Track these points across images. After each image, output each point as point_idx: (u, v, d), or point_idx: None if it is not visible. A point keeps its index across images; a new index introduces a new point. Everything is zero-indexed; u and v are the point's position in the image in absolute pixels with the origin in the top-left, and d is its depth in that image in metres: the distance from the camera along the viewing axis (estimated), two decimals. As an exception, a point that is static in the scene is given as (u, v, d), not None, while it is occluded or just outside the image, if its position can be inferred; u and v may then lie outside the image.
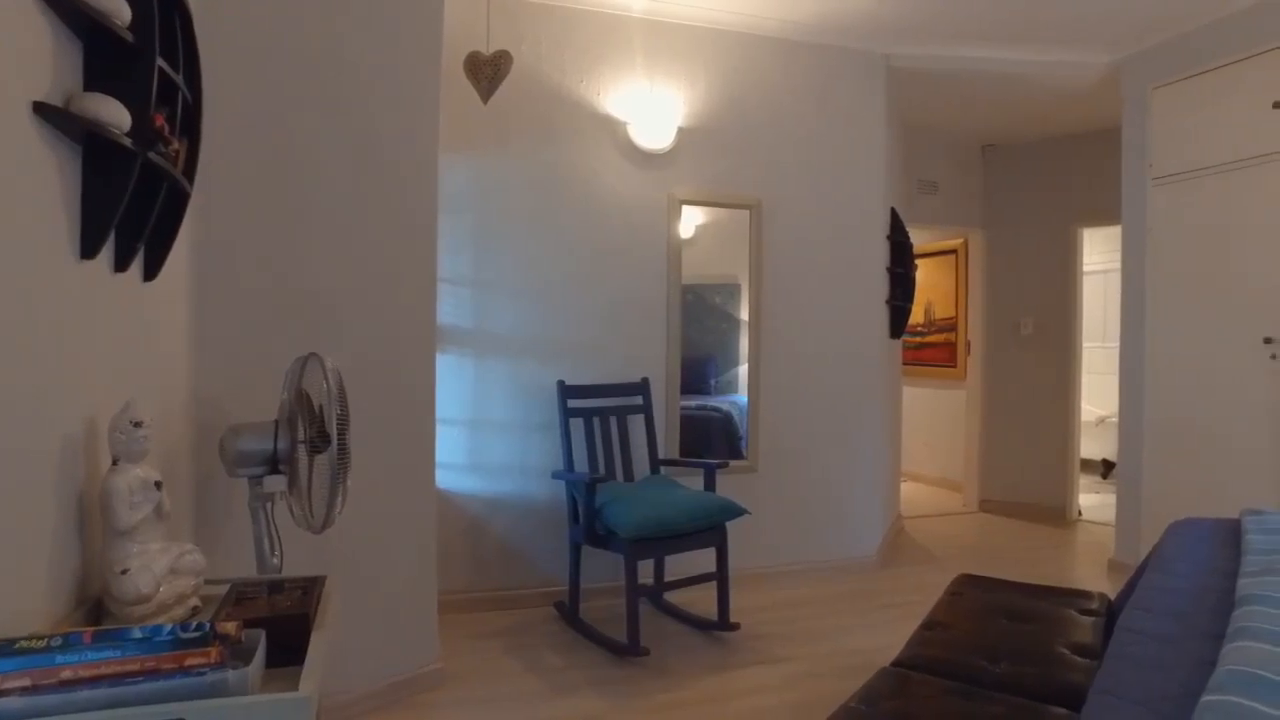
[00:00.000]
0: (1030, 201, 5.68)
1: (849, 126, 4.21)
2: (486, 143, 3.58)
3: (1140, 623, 1.57)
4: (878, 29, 3.98)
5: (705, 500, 3.22)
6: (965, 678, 1.92)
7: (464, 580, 3.56)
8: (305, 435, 1.87)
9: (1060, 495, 5.57)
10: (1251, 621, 1.35)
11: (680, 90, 3.85)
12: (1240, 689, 1.09)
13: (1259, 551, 1.85)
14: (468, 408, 3.57)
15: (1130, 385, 4.20)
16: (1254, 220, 3.59)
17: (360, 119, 2.56)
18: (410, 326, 2.73)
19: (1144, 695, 1.21)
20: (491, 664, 3.02)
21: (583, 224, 3.72)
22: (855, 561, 4.21)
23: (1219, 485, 3.67)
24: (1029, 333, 5.69)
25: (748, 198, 3.98)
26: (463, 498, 3.58)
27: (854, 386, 4.25)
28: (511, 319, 3.63)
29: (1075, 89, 4.59)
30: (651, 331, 3.84)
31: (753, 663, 3.05)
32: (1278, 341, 3.48)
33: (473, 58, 3.27)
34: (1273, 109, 3.49)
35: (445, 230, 3.29)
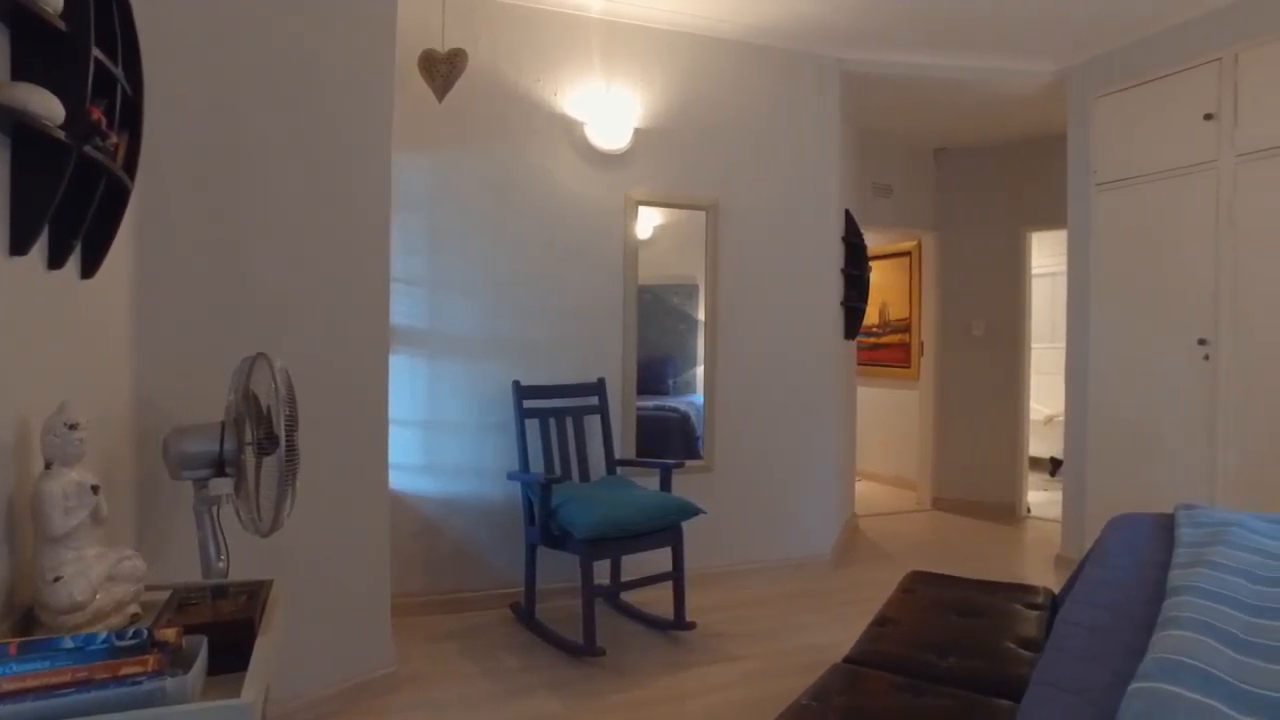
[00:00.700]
0: (981, 205, 5.81)
1: (804, 129, 4.26)
2: (441, 142, 3.55)
3: (1078, 615, 1.61)
4: (831, 34, 4.03)
5: (661, 500, 3.23)
6: (914, 672, 1.96)
7: (419, 582, 3.52)
8: (253, 437, 1.83)
9: (1010, 493, 5.70)
10: (1179, 611, 1.40)
11: (637, 91, 3.86)
12: (1166, 676, 1.13)
13: (1189, 544, 1.92)
14: (422, 408, 3.54)
15: (1075, 385, 4.32)
16: (1187, 226, 3.71)
17: (312, 115, 2.52)
18: (363, 326, 2.70)
19: (1079, 685, 1.24)
20: (447, 667, 2.99)
21: (539, 224, 3.71)
22: (810, 560, 4.26)
23: (1158, 481, 3.79)
24: (980, 334, 5.82)
25: (704, 199, 4.00)
26: (417, 499, 3.54)
27: (809, 387, 4.30)
28: (467, 319, 3.60)
29: (1023, 96, 4.70)
30: (608, 332, 3.84)
31: (709, 661, 3.06)
32: (1210, 343, 3.61)
33: (428, 56, 3.25)
34: (1204, 120, 3.62)
35: (399, 229, 3.26)
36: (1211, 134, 3.60)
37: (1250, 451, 3.48)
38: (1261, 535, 2.01)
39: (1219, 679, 1.14)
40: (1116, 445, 4.07)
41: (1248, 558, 1.79)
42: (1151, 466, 3.87)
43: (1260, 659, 1.24)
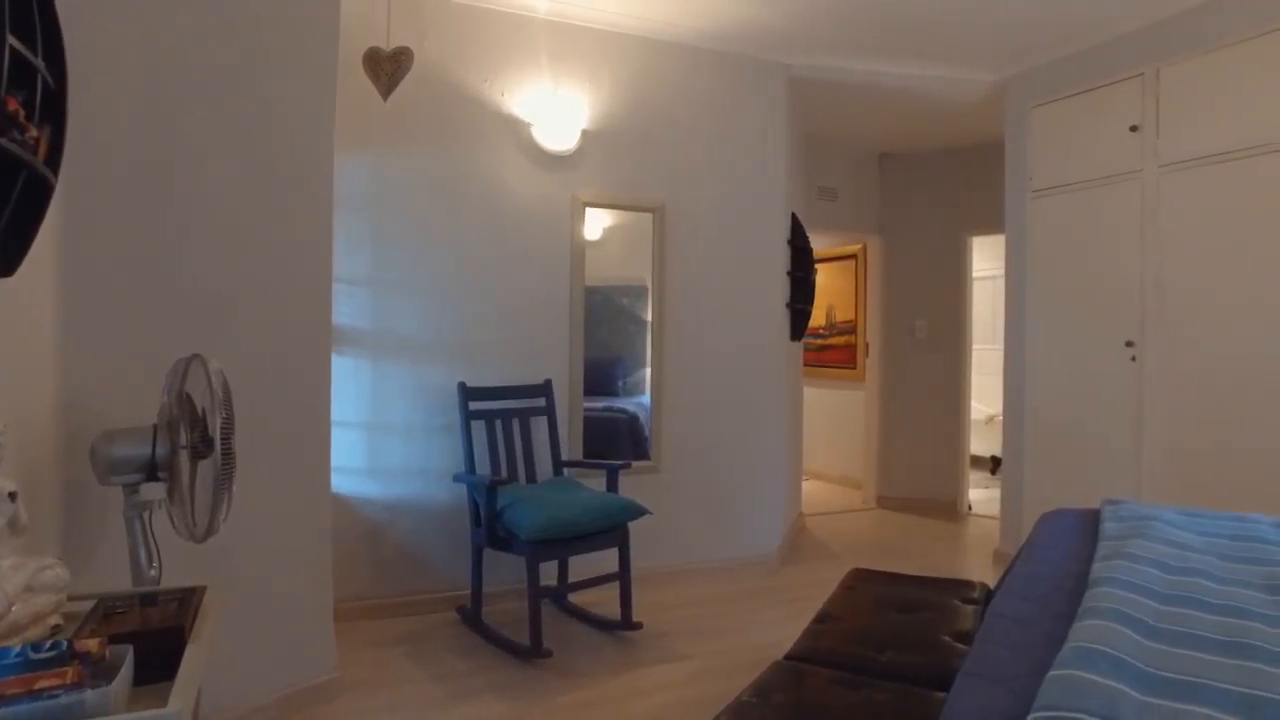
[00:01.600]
0: (924, 209, 5.94)
1: (751, 133, 4.31)
2: (387, 141, 3.51)
3: (1005, 608, 1.67)
4: (778, 39, 4.09)
5: (607, 501, 3.24)
6: (854, 667, 2.00)
7: (363, 586, 3.47)
8: (187, 440, 1.79)
9: (952, 491, 5.84)
10: (1097, 602, 1.46)
11: (585, 93, 3.87)
12: (1080, 663, 1.18)
13: (1111, 538, 2.00)
14: (366, 410, 3.49)
15: (1013, 385, 4.45)
16: (1116, 233, 3.86)
17: (251, 111, 2.47)
18: (304, 327, 2.65)
19: (1003, 674, 1.29)
20: (391, 671, 2.96)
21: (486, 224, 3.69)
22: (757, 559, 4.31)
23: (1090, 478, 3.93)
24: (923, 335, 5.95)
25: (651, 201, 4.03)
26: (361, 502, 3.49)
27: (756, 387, 4.35)
28: (412, 320, 3.56)
29: (964, 104, 4.83)
30: (555, 333, 3.84)
31: (655, 661, 3.08)
32: (1137, 345, 3.76)
33: (372, 54, 3.21)
34: (1130, 132, 3.76)
35: (343, 229, 3.22)
36: (1136, 145, 3.75)
37: (1173, 448, 3.63)
38: (1177, 528, 2.11)
39: (1128, 664, 1.19)
40: (1051, 444, 4.21)
41: (1163, 549, 1.87)
42: (1084, 463, 4.01)
43: (1166, 644, 1.30)
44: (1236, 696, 1.10)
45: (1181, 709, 1.07)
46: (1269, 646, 1.29)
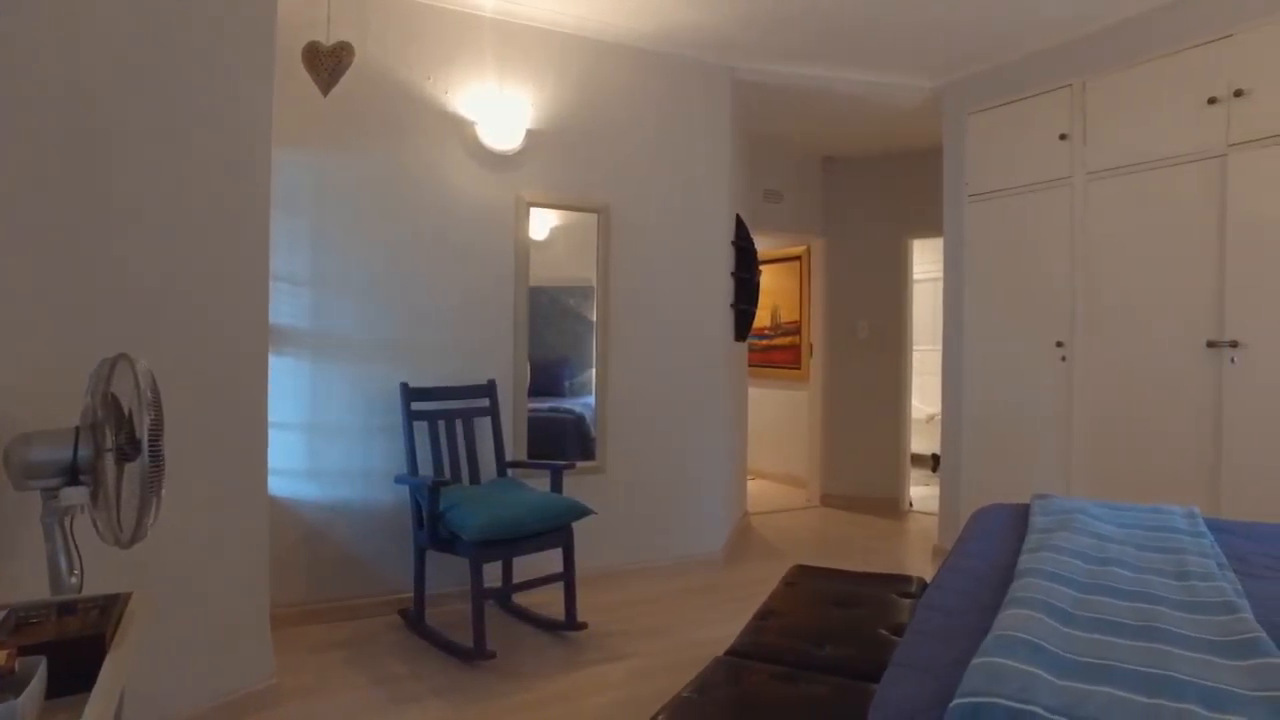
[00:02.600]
0: (867, 212, 6.06)
1: (695, 135, 4.35)
2: (328, 137, 3.45)
3: (936, 600, 1.72)
4: (722, 43, 4.13)
5: (551, 501, 3.24)
6: (793, 662, 2.03)
7: (302, 591, 3.40)
8: (113, 443, 1.73)
9: (894, 488, 5.97)
10: (1021, 592, 1.51)
11: (530, 92, 3.85)
12: (1001, 650, 1.22)
13: (1038, 530, 2.07)
14: (306, 411, 3.42)
15: (951, 385, 4.57)
16: (1047, 237, 3.99)
17: (182, 104, 2.40)
18: (239, 326, 2.59)
19: (930, 664, 1.33)
20: (330, 677, 2.91)
21: (428, 223, 3.65)
22: (702, 558, 4.35)
23: (1024, 474, 4.06)
24: (865, 336, 6.07)
25: (596, 201, 4.03)
26: (301, 505, 3.42)
27: (700, 387, 4.39)
28: (353, 320, 3.51)
29: (905, 110, 4.94)
30: (499, 333, 3.81)
31: (600, 660, 3.09)
32: (1066, 345, 3.90)
33: (311, 48, 3.14)
34: (1059, 140, 3.90)
35: (281, 227, 3.16)
36: (1066, 153, 3.89)
37: (1099, 444, 3.77)
38: (1099, 520, 2.19)
39: (1046, 650, 1.24)
40: (988, 441, 4.33)
41: (1085, 541, 1.95)
42: (1018, 460, 4.14)
43: (1082, 630, 1.36)
44: (1141, 676, 1.16)
45: (1091, 690, 1.12)
46: (1173, 629, 1.36)
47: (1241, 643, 1.28)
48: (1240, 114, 3.24)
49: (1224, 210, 3.30)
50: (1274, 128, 3.14)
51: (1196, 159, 3.39)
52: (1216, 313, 3.33)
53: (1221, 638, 1.32)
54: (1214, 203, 3.33)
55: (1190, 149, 3.40)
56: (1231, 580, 1.70)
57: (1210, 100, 3.32)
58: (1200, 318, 3.38)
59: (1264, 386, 3.18)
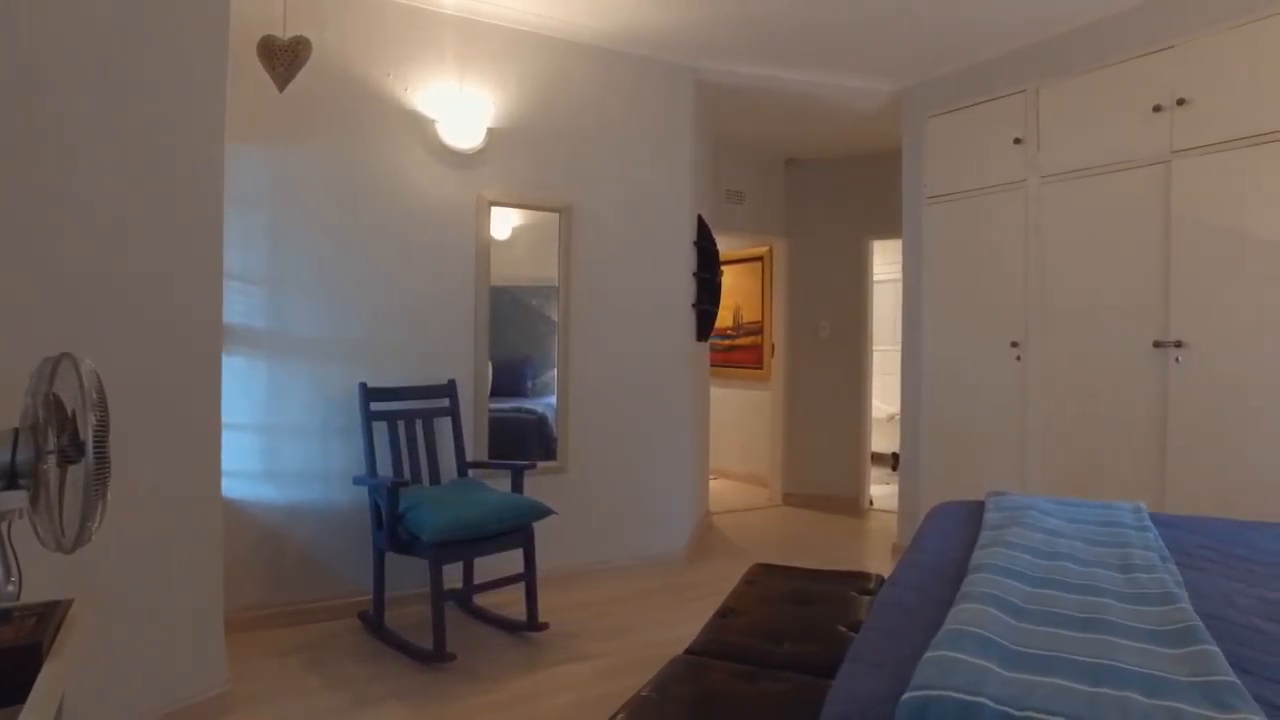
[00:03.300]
0: (828, 214, 6.13)
1: (657, 135, 4.36)
2: (284, 134, 3.39)
3: (891, 596, 1.74)
4: (686, 43, 4.15)
5: (511, 502, 3.22)
6: (752, 660, 2.04)
7: (259, 595, 3.34)
8: (55, 445, 1.68)
9: (855, 487, 6.04)
10: (973, 587, 1.54)
11: (491, 91, 3.83)
12: (952, 644, 1.24)
13: (992, 527, 2.11)
14: (262, 412, 3.36)
15: (909, 384, 4.64)
16: (1002, 239, 4.07)
17: (133, 97, 2.34)
18: (191, 325, 2.53)
19: (883, 659, 1.35)
20: (287, 682, 2.86)
21: (388, 222, 3.61)
22: (664, 557, 4.36)
23: (980, 471, 4.13)
24: (827, 336, 6.14)
25: (558, 201, 4.02)
26: (257, 507, 3.36)
27: (661, 387, 4.40)
28: (311, 319, 3.45)
29: (866, 113, 5.00)
30: (460, 333, 3.78)
31: (561, 661, 3.08)
32: (1021, 345, 3.98)
33: (267, 42, 3.09)
34: (1014, 144, 3.99)
35: (237, 224, 3.10)
36: (1020, 157, 3.97)
37: (1052, 442, 3.86)
38: (1050, 516, 2.25)
39: (996, 643, 1.27)
40: (946, 440, 4.41)
41: (1036, 536, 1.99)
42: (975, 458, 4.22)
43: (1031, 623, 1.39)
44: (1086, 666, 1.19)
45: (1038, 680, 1.15)
46: (1117, 620, 1.40)
47: (1179, 631, 1.32)
48: (1183, 122, 3.34)
49: (1168, 215, 3.39)
50: (1214, 136, 3.24)
51: (1143, 165, 3.48)
52: (1162, 314, 3.42)
53: (1161, 627, 1.36)
54: (1159, 207, 3.43)
55: (1137, 155, 3.50)
56: (1173, 572, 1.75)
57: (1155, 108, 3.41)
58: (1147, 318, 3.48)
59: (1206, 385, 3.28)
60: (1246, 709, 1.05)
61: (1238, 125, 3.18)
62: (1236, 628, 1.47)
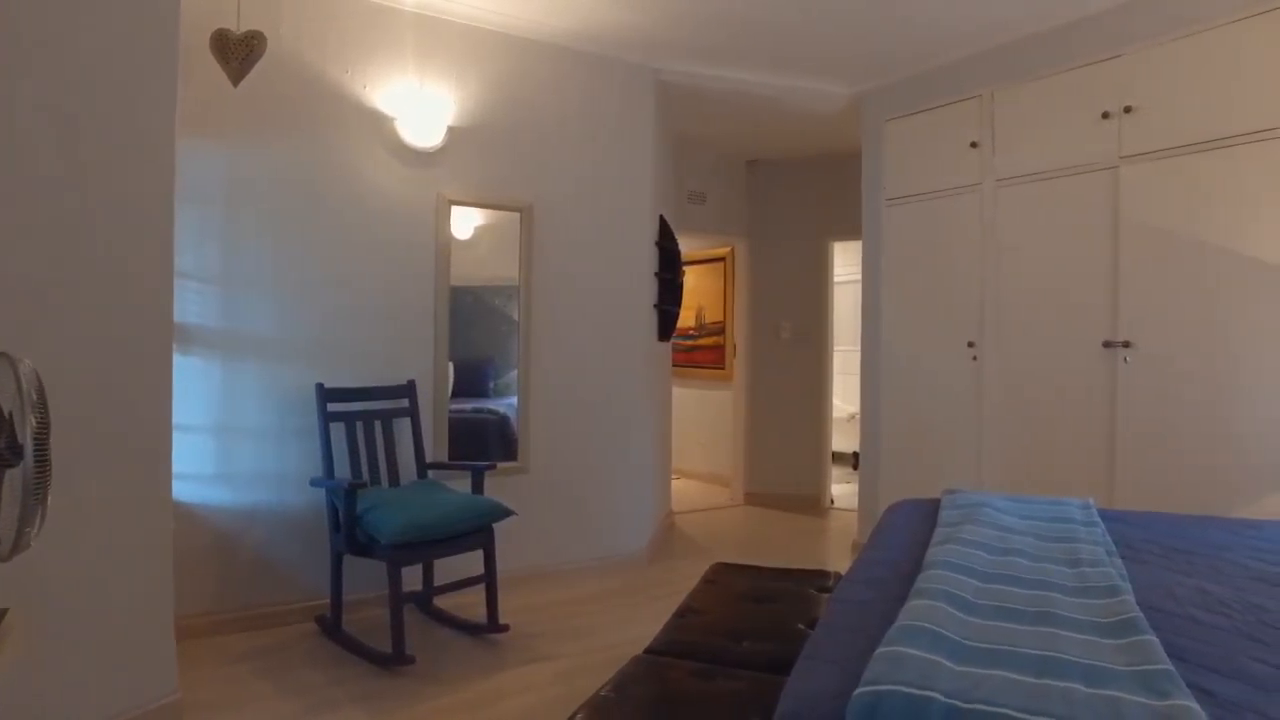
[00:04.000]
0: (789, 215, 6.18)
1: (619, 135, 4.36)
2: (239, 129, 3.33)
3: (846, 594, 1.76)
4: (647, 44, 4.15)
5: (471, 503, 3.20)
6: (711, 658, 2.05)
7: (212, 600, 3.28)
8: (-8, 447, 1.63)
9: (816, 486, 6.10)
10: (926, 583, 1.57)
11: (451, 89, 3.80)
12: (904, 639, 1.26)
13: (947, 524, 2.15)
14: (216, 413, 3.29)
15: (869, 384, 4.70)
16: (959, 241, 4.15)
17: (77, 90, 2.27)
18: (141, 324, 2.47)
19: (838, 655, 1.36)
20: (240, 689, 2.80)
21: (347, 220, 3.56)
22: (626, 557, 4.36)
23: (938, 469, 4.20)
24: (788, 336, 6.19)
25: (519, 200, 4.00)
26: (210, 510, 3.29)
27: (623, 387, 4.40)
28: (267, 319, 3.39)
29: (825, 115, 5.05)
30: (420, 333, 3.75)
31: (522, 662, 3.06)
32: (977, 345, 4.05)
33: (220, 35, 3.03)
34: (970, 148, 4.06)
35: (190, 222, 3.04)
36: (976, 160, 4.05)
37: (1007, 441, 3.94)
38: (1003, 513, 2.29)
39: (946, 638, 1.29)
40: (904, 439, 4.47)
41: (989, 533, 2.03)
42: (933, 456, 4.29)
43: (981, 618, 1.42)
44: (1033, 658, 1.22)
45: (987, 674, 1.17)
46: (1064, 613, 1.44)
47: (1121, 623, 1.36)
48: (1130, 129, 3.43)
49: (1117, 218, 3.48)
50: (1159, 143, 3.34)
51: (1092, 169, 3.57)
52: (1111, 315, 3.52)
53: (1104, 619, 1.40)
54: (1108, 211, 3.52)
55: (1087, 160, 3.59)
56: (1118, 566, 1.79)
57: (1104, 115, 3.50)
58: (1097, 320, 3.57)
59: (1152, 385, 3.38)
60: (1180, 696, 1.08)
61: (1182, 132, 3.28)
62: (1175, 618, 1.52)
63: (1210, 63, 3.21)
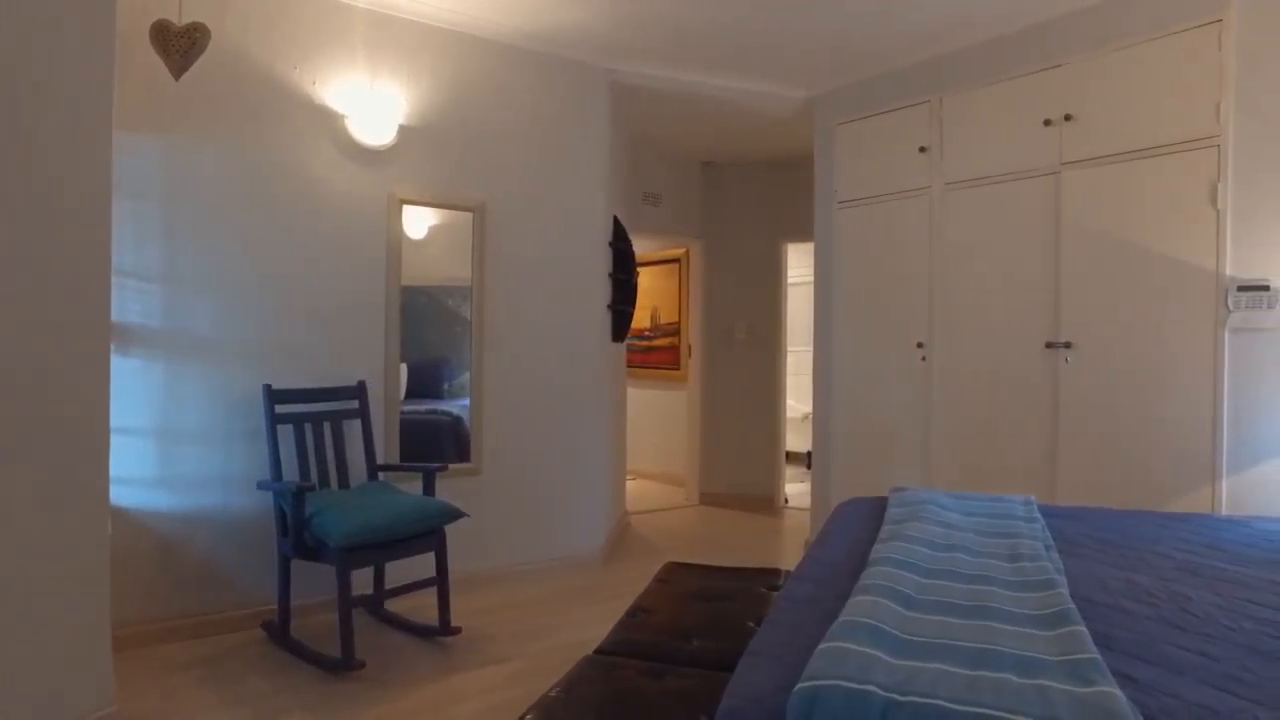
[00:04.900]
0: (744, 217, 6.23)
1: (573, 135, 4.35)
2: (183, 123, 3.25)
3: (793, 591, 1.79)
4: (601, 45, 4.16)
5: (421, 505, 3.16)
6: (660, 657, 2.05)
7: (154, 608, 3.19)
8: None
9: (770, 485, 6.16)
10: (870, 579, 1.60)
11: (403, 87, 3.76)
12: (844, 635, 1.29)
13: (893, 521, 2.19)
14: (158, 415, 3.21)
15: (821, 384, 4.76)
16: (908, 243, 4.23)
17: (7, 80, 2.20)
18: (75, 324, 2.39)
19: (781, 651, 1.38)
20: (182, 699, 2.73)
21: (295, 219, 3.50)
22: (580, 558, 4.36)
23: (889, 468, 4.28)
24: (743, 337, 6.24)
25: (471, 200, 3.97)
26: (152, 515, 3.21)
27: (577, 387, 4.39)
28: (211, 319, 3.32)
29: (779, 118, 5.10)
30: (370, 334, 3.70)
31: (474, 665, 3.04)
32: (926, 345, 4.14)
33: (161, 27, 2.94)
34: (920, 152, 4.15)
35: (128, 219, 2.96)
36: (925, 164, 4.13)
37: (956, 440, 4.03)
38: (947, 510, 2.34)
39: (886, 633, 1.32)
40: (856, 438, 4.54)
41: (933, 529, 2.08)
42: (884, 455, 4.36)
43: (921, 612, 1.45)
44: (970, 651, 1.25)
45: (923, 667, 1.20)
46: (1002, 607, 1.48)
47: (1054, 614, 1.41)
48: (1070, 136, 3.54)
49: (1058, 223, 3.59)
50: (1097, 150, 3.45)
51: (1036, 175, 3.67)
52: (1053, 316, 3.62)
53: (1039, 611, 1.44)
54: (1050, 216, 3.62)
55: (1030, 165, 3.69)
56: (1055, 560, 1.85)
57: (1046, 122, 3.61)
58: (1040, 321, 3.67)
59: (1091, 384, 3.49)
60: (1104, 683, 1.12)
61: (1118, 141, 3.39)
62: (1106, 609, 1.57)
63: (1143, 75, 3.33)
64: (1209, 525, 2.38)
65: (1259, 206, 3.05)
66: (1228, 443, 3.11)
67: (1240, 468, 3.10)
